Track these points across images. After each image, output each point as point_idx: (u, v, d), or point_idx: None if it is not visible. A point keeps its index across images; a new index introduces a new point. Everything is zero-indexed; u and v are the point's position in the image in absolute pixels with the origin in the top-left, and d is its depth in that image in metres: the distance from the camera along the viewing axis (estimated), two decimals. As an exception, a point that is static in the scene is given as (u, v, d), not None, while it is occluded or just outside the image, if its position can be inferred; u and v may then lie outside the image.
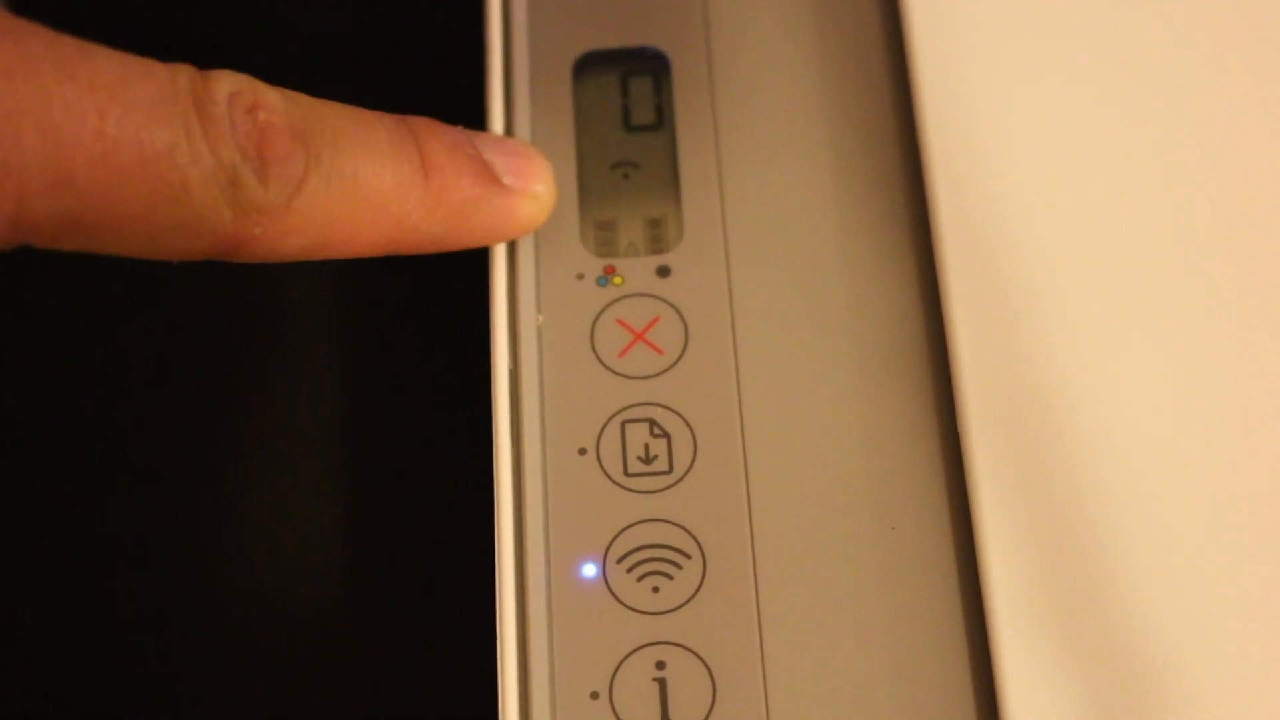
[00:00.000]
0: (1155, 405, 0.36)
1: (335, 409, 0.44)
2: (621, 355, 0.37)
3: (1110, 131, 0.39)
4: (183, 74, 0.32)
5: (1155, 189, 0.39)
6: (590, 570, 0.35)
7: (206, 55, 0.48)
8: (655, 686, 0.34)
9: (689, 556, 0.35)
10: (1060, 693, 0.34)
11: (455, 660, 0.40)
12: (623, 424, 0.37)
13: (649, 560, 0.35)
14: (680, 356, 0.37)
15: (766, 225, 0.39)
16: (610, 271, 0.38)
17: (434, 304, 0.43)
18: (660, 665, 0.35)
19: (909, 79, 0.39)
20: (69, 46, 0.31)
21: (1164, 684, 0.34)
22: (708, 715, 0.34)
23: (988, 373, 0.36)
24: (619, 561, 0.35)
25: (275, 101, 0.33)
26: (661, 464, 0.36)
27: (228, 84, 0.33)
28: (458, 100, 0.41)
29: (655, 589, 0.35)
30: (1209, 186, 0.39)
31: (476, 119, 0.39)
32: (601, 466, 0.36)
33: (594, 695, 0.34)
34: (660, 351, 0.37)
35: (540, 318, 0.38)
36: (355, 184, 0.34)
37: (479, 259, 0.38)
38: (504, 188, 0.36)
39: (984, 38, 0.40)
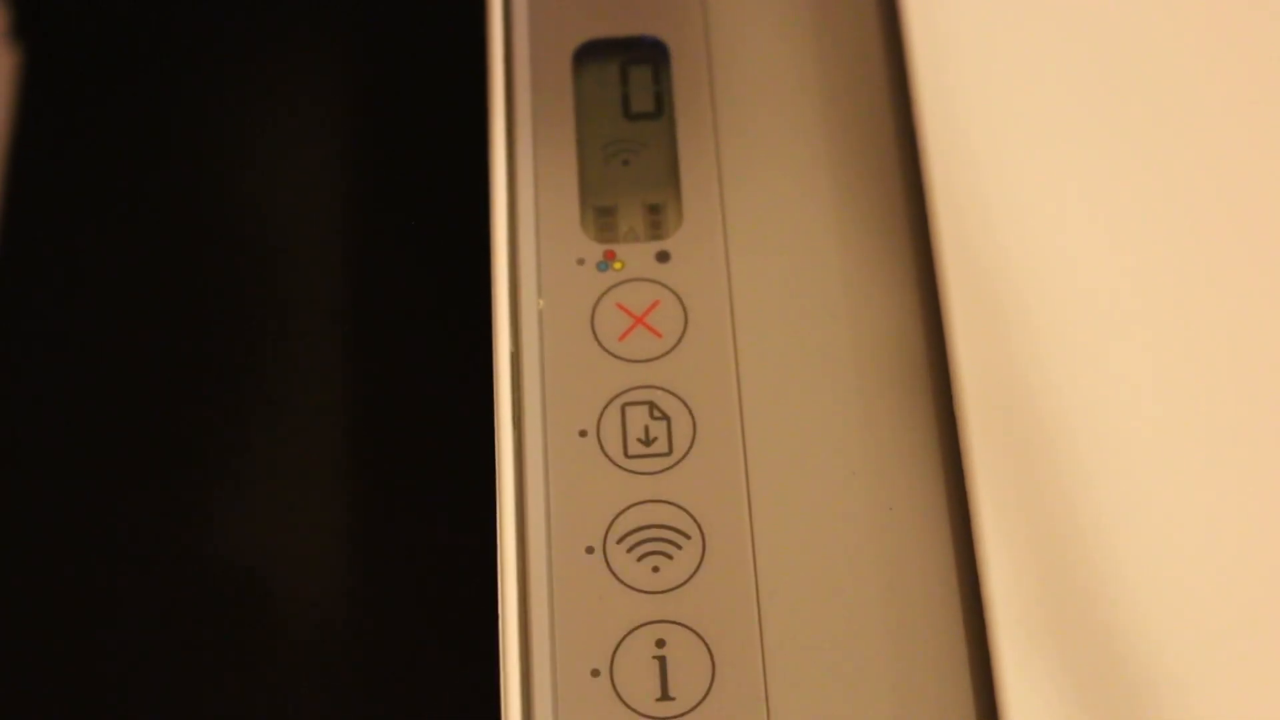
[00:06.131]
0: (1148, 393, 0.37)
1: (339, 391, 0.44)
2: (621, 339, 0.38)
3: (1108, 137, 0.40)
4: None
5: (1154, 195, 0.39)
6: (591, 550, 0.36)
7: (204, 48, 0.49)
8: (655, 664, 0.35)
9: (688, 536, 0.36)
10: (1055, 671, 0.34)
11: (457, 637, 0.40)
12: (623, 406, 0.37)
13: (649, 540, 0.36)
14: (680, 340, 0.38)
15: (764, 211, 0.39)
16: (610, 256, 0.39)
17: (436, 289, 0.43)
18: (660, 643, 0.35)
19: (906, 67, 0.40)
20: None
21: (1156, 679, 0.34)
22: (707, 692, 0.35)
23: (983, 353, 0.36)
24: (619, 541, 0.36)
25: None
26: (661, 445, 0.37)
27: None
28: (459, 89, 0.41)
29: (655, 569, 0.36)
30: (1206, 194, 0.39)
31: (478, 108, 0.40)
32: (602, 448, 0.37)
33: (594, 673, 0.35)
34: (659, 335, 0.38)
35: (541, 302, 0.38)
36: None
37: (480, 245, 0.38)
38: None
39: (979, 30, 0.41)
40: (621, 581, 0.35)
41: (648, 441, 0.37)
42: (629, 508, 0.36)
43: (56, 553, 0.44)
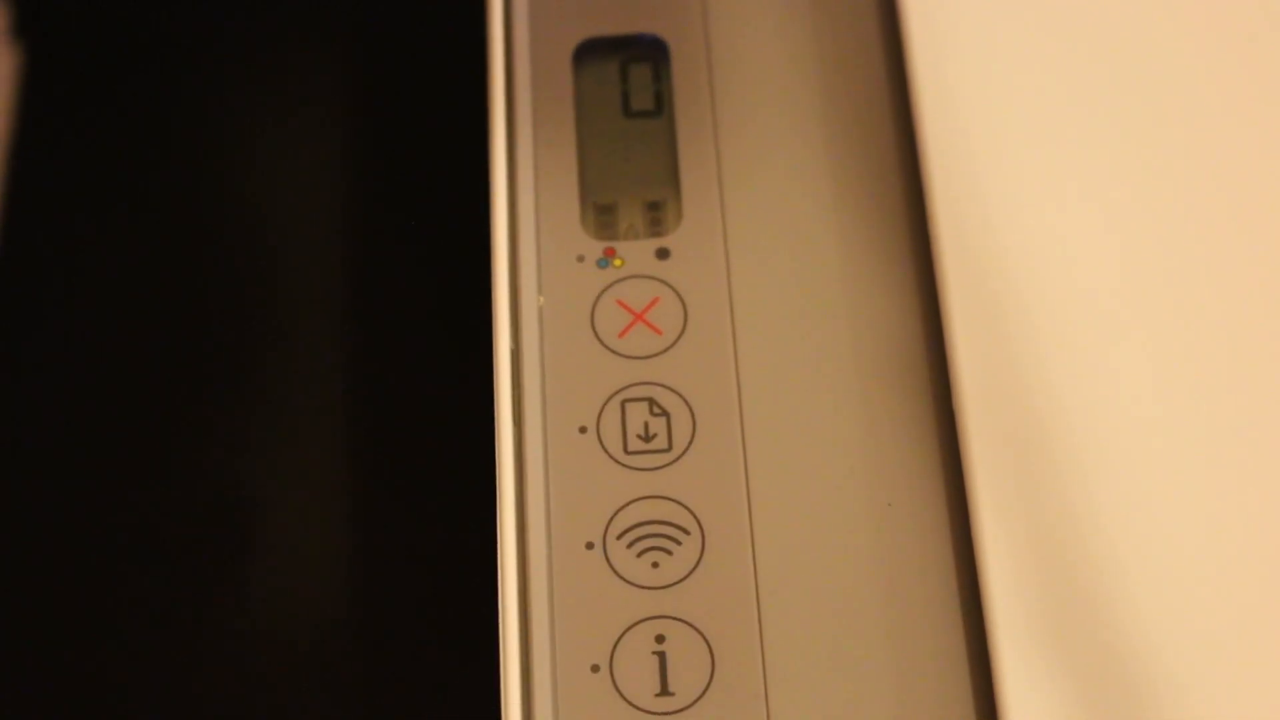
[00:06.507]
0: (1148, 393, 0.37)
1: (339, 391, 0.44)
2: (621, 335, 0.38)
3: (1108, 136, 0.40)
4: None
5: (1154, 195, 0.39)
6: (591, 546, 0.36)
7: (204, 48, 0.49)
8: (655, 660, 0.35)
9: (688, 532, 0.36)
10: (1055, 670, 0.34)
11: (457, 637, 0.40)
12: (623, 403, 0.37)
13: (649, 536, 0.36)
14: (679, 337, 0.38)
15: (764, 209, 0.39)
16: (610, 254, 0.39)
17: (436, 288, 0.43)
18: (660, 639, 0.35)
19: (906, 67, 0.40)
20: None
21: (1156, 679, 0.34)
22: (706, 687, 0.35)
23: (983, 352, 0.36)
24: (619, 537, 0.36)
25: None
26: (661, 442, 0.37)
27: None
28: (459, 89, 0.41)
29: (655, 564, 0.36)
30: (1206, 193, 0.39)
31: (478, 107, 0.40)
32: (602, 444, 0.37)
33: (594, 668, 0.35)
34: (659, 332, 0.38)
35: (541, 299, 0.38)
36: None
37: (480, 244, 0.38)
38: None
39: (979, 30, 0.41)
40: (621, 577, 0.35)
41: (647, 438, 0.37)
42: (629, 504, 0.36)
43: (56, 556, 0.44)
